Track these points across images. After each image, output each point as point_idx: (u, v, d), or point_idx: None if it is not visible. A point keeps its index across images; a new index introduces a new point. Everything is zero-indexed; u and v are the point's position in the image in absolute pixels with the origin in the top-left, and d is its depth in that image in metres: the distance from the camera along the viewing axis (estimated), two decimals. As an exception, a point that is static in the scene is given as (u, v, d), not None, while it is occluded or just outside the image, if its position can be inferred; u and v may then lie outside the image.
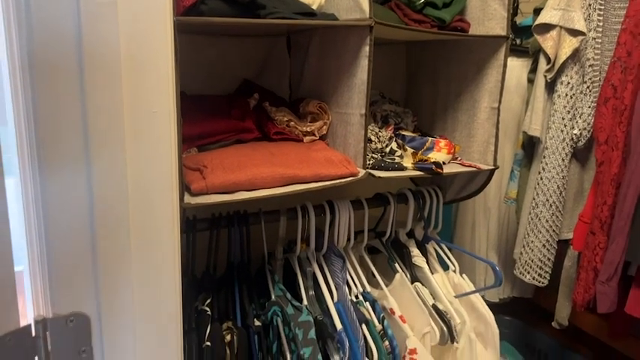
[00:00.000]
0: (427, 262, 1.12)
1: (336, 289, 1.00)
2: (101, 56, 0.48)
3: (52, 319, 0.51)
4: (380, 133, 1.01)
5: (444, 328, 1.00)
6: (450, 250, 1.15)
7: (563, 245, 1.24)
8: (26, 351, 0.50)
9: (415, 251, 1.13)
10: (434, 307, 1.03)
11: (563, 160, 1.13)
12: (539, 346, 1.61)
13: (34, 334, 0.51)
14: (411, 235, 1.16)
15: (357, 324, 0.94)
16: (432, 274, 1.10)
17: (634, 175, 0.92)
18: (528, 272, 1.22)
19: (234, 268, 0.99)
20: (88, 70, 0.48)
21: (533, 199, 1.18)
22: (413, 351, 0.96)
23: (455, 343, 1.01)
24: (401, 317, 1.00)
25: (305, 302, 0.97)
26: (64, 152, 0.48)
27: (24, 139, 0.49)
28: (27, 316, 0.52)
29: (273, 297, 0.93)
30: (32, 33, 0.46)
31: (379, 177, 0.92)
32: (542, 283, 1.22)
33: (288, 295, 0.97)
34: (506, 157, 1.37)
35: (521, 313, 1.65)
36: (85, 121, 0.48)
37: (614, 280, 0.99)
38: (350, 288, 1.02)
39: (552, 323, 1.34)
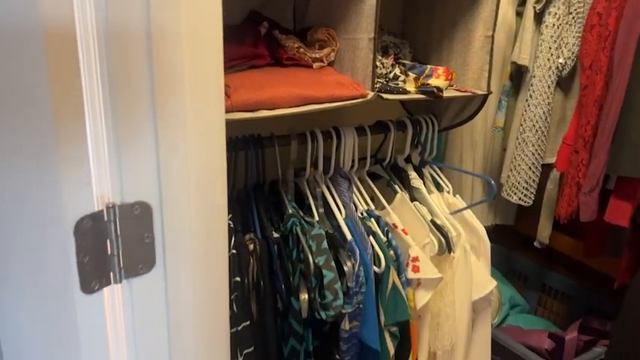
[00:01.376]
0: (424, 184, 1.21)
1: (344, 206, 1.08)
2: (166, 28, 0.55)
3: (120, 205, 0.58)
4: (383, 61, 1.07)
5: (442, 240, 1.10)
6: (442, 171, 1.24)
7: (545, 169, 1.34)
8: (100, 233, 0.57)
9: (413, 174, 1.22)
10: (432, 222, 1.13)
11: (549, 87, 1.22)
12: (520, 269, 1.74)
13: (105, 218, 0.57)
14: (408, 160, 1.25)
15: (365, 235, 1.03)
16: (429, 194, 1.19)
17: (616, 95, 1.01)
18: (515, 193, 1.33)
19: (250, 188, 1.06)
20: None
21: (521, 125, 1.28)
22: (415, 259, 1.06)
23: (452, 253, 1.12)
24: (403, 230, 1.09)
25: (316, 218, 1.06)
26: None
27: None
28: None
29: (290, 211, 1.01)
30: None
31: (387, 99, 0.99)
32: (528, 203, 1.33)
33: (301, 213, 1.04)
34: (492, 90, 1.45)
35: (503, 240, 1.78)
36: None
37: (596, 191, 1.10)
38: (356, 206, 1.10)
39: (534, 243, 1.46)
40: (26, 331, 0.64)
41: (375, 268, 1.02)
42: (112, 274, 0.59)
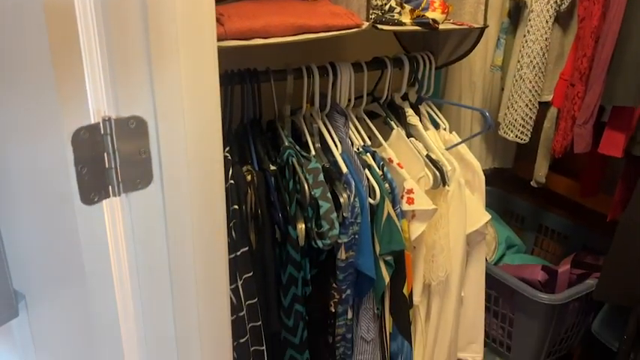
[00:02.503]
0: (420, 122, 1.22)
1: (340, 142, 1.10)
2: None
3: (115, 119, 0.60)
4: (378, -7, 1.06)
5: (437, 174, 1.12)
6: (440, 109, 1.25)
7: (542, 108, 1.35)
8: (97, 146, 0.59)
9: (409, 111, 1.22)
10: (427, 156, 1.14)
11: (547, 22, 1.21)
12: (518, 211, 1.77)
13: (102, 131, 0.59)
14: (405, 98, 1.25)
15: (361, 168, 1.05)
16: (425, 131, 1.20)
17: (612, 26, 1.01)
18: (511, 131, 1.34)
19: (247, 123, 1.07)
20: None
21: (518, 61, 1.27)
22: (410, 191, 1.08)
23: (446, 187, 1.14)
24: (398, 164, 1.11)
25: (313, 153, 1.07)
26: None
27: None
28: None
29: (286, 143, 1.03)
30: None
31: (382, 29, 0.99)
32: (524, 140, 1.34)
33: (297, 148, 1.06)
34: (490, 30, 1.43)
35: (501, 183, 1.80)
36: None
37: (590, 122, 1.11)
38: (352, 142, 1.12)
39: (531, 182, 1.48)
40: (30, 241, 0.67)
41: (370, 200, 1.04)
42: (110, 187, 0.61)
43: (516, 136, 1.34)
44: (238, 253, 0.92)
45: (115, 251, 0.65)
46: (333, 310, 1.10)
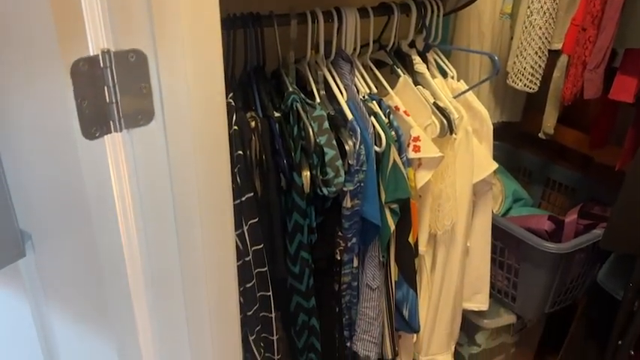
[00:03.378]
0: (427, 70, 1.20)
1: (346, 89, 1.08)
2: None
3: (115, 52, 0.58)
4: None
5: (444, 122, 1.10)
6: (448, 57, 1.22)
7: (552, 57, 1.32)
8: (97, 79, 0.58)
9: (417, 59, 1.20)
10: (434, 104, 1.12)
11: (559, -36, 1.17)
12: (525, 165, 1.75)
13: (101, 64, 0.58)
14: (412, 46, 1.22)
15: (367, 116, 1.03)
16: (432, 79, 1.18)
17: (627, -36, 0.97)
18: (520, 80, 1.31)
19: (250, 70, 1.05)
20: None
21: (528, 7, 1.24)
22: (416, 138, 1.07)
23: (453, 135, 1.12)
24: (405, 112, 1.10)
25: (317, 101, 1.06)
26: None
27: None
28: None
29: (290, 89, 1.01)
30: None
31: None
32: (533, 89, 1.32)
33: (302, 95, 1.04)
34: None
35: (509, 138, 1.78)
36: None
37: (601, 67, 1.08)
38: (358, 90, 1.10)
39: (539, 134, 1.46)
40: (34, 179, 0.67)
41: (376, 148, 1.03)
42: (111, 122, 0.60)
43: (525, 85, 1.31)
44: (243, 199, 0.92)
45: (119, 188, 0.64)
46: (339, 258, 1.10)
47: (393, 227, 1.07)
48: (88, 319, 0.73)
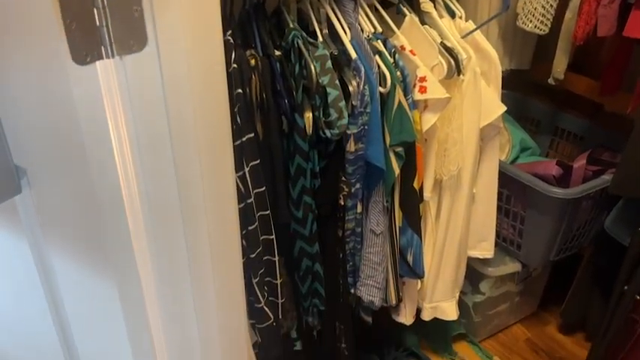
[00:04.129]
0: (435, 9, 1.15)
1: (349, 28, 1.03)
2: None
3: (104, -32, 0.55)
4: None
5: (451, 62, 1.06)
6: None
7: (564, -2, 1.26)
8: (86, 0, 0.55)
9: (423, -3, 1.15)
10: (442, 44, 1.08)
11: None
12: (533, 114, 1.71)
13: (90, -18, 0.55)
14: (418, -16, 1.17)
15: (371, 55, 0.99)
16: (440, 18, 1.13)
17: None
18: (530, 21, 1.26)
19: (250, 7, 1.01)
20: None
21: (541, -59, 1.18)
22: (423, 79, 1.03)
23: (461, 76, 1.08)
24: (411, 52, 1.06)
25: (320, 40, 1.02)
26: None
27: None
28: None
29: (291, 25, 0.97)
30: None
31: None
32: (543, 31, 1.27)
33: (304, 34, 1.00)
34: None
35: (517, 87, 1.73)
36: None
37: (616, 2, 1.03)
38: (362, 29, 1.06)
39: (548, 80, 1.42)
40: (27, 111, 0.65)
41: (381, 88, 1.00)
42: (103, 47, 0.57)
43: (535, 27, 1.26)
44: (244, 139, 0.90)
45: (113, 118, 0.62)
46: (343, 204, 1.09)
47: (397, 171, 1.04)
48: (87, 255, 0.72)
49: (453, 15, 1.17)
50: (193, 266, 0.74)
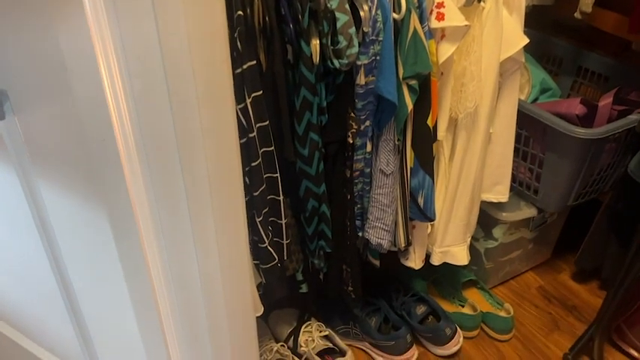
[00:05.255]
0: None
1: (361, -52, 0.94)
2: None
3: None
4: None
5: (472, -13, 0.98)
6: None
7: None
8: None
9: None
10: (462, -33, 0.99)
11: None
12: (555, 53, 1.62)
13: None
14: None
15: (385, -24, 0.91)
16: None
17: None
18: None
19: None
20: None
21: None
22: (440, 4, 0.95)
23: (481, 3, 1.00)
24: (428, -25, 0.97)
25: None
26: None
27: None
28: None
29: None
30: None
31: None
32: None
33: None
34: None
35: (539, 25, 1.62)
36: None
37: None
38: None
39: (574, 14, 1.32)
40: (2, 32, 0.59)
41: (395, 14, 0.92)
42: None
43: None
44: (245, 67, 0.83)
45: (100, 40, 0.56)
46: (351, 142, 1.03)
47: (410, 106, 0.98)
48: (79, 188, 0.68)
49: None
50: (191, 200, 0.70)
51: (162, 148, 0.65)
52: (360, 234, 1.15)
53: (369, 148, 1.05)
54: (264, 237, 0.95)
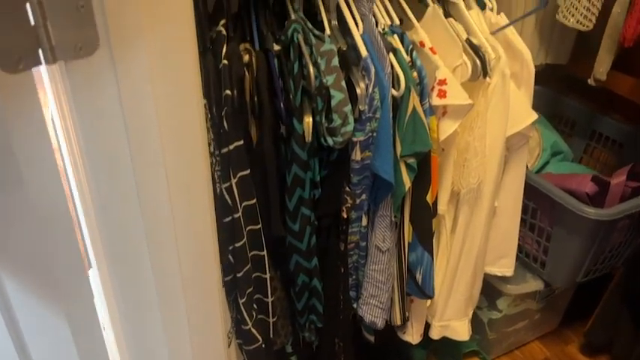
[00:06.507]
0: (462, -1, 1.01)
1: (362, 20, 0.91)
2: None
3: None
4: None
5: (477, 62, 0.93)
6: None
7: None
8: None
9: (450, -15, 1.01)
10: (467, 41, 0.95)
11: None
12: (568, 114, 1.56)
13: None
14: (445, -30, 1.03)
15: (384, 52, 0.87)
16: (468, 10, 1.00)
17: None
18: (572, 15, 1.11)
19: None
20: None
21: None
22: (442, 81, 0.90)
23: (487, 79, 0.95)
24: (431, 49, 0.93)
25: (328, 33, 0.90)
26: None
27: None
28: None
29: (293, 17, 0.85)
30: None
31: None
32: (587, 27, 1.12)
33: (309, 25, 0.88)
34: None
35: (552, 83, 1.58)
36: None
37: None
38: (377, 21, 0.93)
39: (589, 81, 1.27)
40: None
41: (394, 91, 0.88)
42: (40, 51, 0.47)
43: (578, 22, 1.11)
44: (231, 147, 0.79)
45: (65, 133, 0.52)
46: (346, 216, 0.98)
47: (408, 185, 0.93)
48: (40, 284, 0.63)
49: (483, 6, 1.03)
50: (162, 297, 0.65)
51: (130, 244, 0.60)
52: (355, 306, 1.09)
53: (364, 222, 1.00)
54: (247, 319, 0.90)
